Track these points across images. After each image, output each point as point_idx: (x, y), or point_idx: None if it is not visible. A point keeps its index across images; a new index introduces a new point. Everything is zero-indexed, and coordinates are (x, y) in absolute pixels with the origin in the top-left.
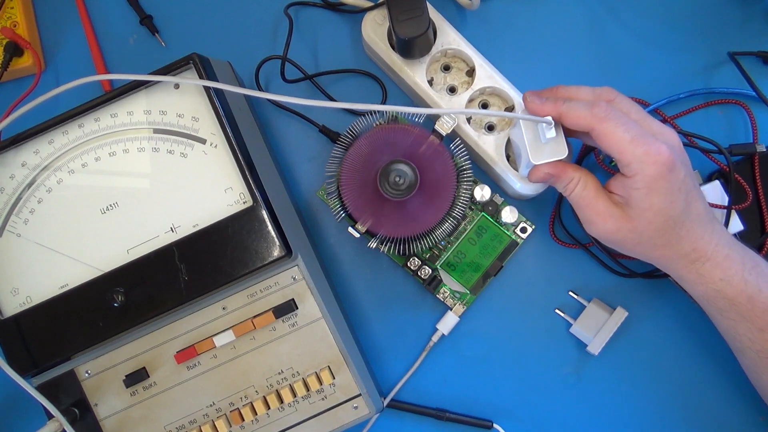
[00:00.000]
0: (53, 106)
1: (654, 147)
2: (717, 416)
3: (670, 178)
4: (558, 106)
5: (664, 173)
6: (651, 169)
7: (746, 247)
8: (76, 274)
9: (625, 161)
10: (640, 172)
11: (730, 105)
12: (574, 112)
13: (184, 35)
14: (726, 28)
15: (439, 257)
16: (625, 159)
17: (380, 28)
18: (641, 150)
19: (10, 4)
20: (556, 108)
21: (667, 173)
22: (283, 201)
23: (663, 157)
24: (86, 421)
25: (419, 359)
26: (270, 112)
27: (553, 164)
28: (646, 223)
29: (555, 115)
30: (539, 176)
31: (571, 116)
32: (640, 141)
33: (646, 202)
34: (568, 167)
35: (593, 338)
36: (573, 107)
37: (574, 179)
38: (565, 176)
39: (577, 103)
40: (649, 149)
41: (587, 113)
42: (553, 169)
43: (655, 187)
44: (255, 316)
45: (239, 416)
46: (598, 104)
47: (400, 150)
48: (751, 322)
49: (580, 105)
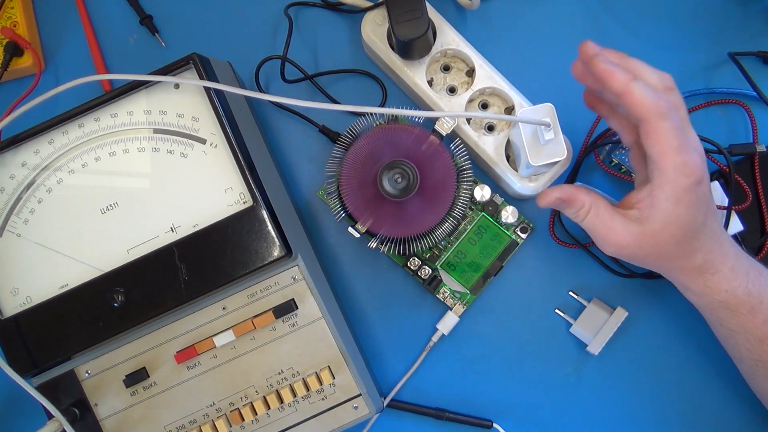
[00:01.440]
0: (53, 106)
1: (692, 159)
2: (716, 416)
3: (698, 191)
4: (629, 79)
5: (693, 186)
6: (684, 180)
7: (749, 256)
8: (76, 274)
9: (662, 166)
10: (672, 181)
11: (730, 105)
12: (640, 95)
13: (184, 35)
14: (726, 28)
15: (439, 257)
16: (662, 164)
17: (380, 28)
18: (680, 159)
19: (10, 4)
20: (626, 81)
21: (696, 186)
22: (283, 201)
23: (697, 170)
24: (86, 421)
25: (419, 359)
26: (270, 112)
27: (563, 189)
28: (669, 237)
29: (620, 89)
30: (549, 201)
31: (635, 98)
32: (682, 150)
33: (673, 214)
34: (579, 193)
35: (593, 338)
36: (642, 89)
37: (585, 206)
38: (576, 202)
39: (646, 86)
40: (687, 160)
41: (652, 103)
42: (563, 194)
43: (683, 199)
44: (255, 316)
45: (239, 416)
46: (662, 97)
47: (400, 150)
48: (750, 332)
49: (648, 90)
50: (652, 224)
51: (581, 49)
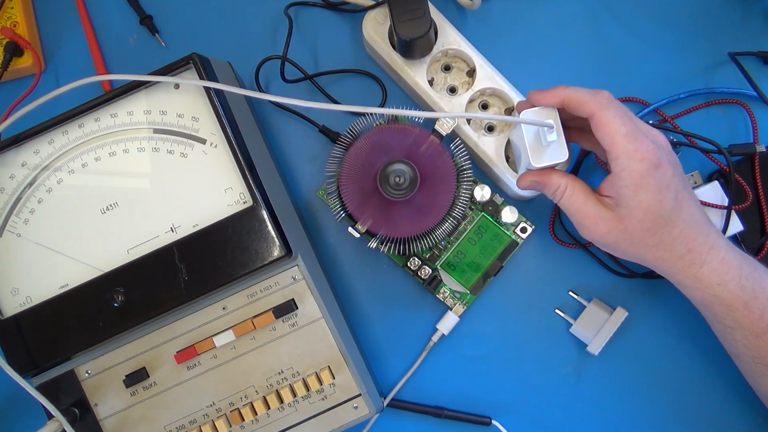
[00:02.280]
0: (53, 106)
1: (643, 144)
2: (716, 416)
3: (657, 176)
4: (560, 91)
5: (650, 170)
6: (638, 165)
7: (743, 252)
8: (76, 274)
9: (615, 154)
10: (627, 167)
11: (731, 105)
12: (578, 95)
13: (184, 35)
14: (726, 28)
15: (439, 257)
16: (615, 152)
17: (381, 27)
18: (632, 146)
19: (10, 4)
20: (558, 93)
21: (654, 170)
22: (283, 201)
23: (650, 155)
24: (86, 421)
25: (419, 359)
26: (270, 112)
27: (538, 172)
28: (636, 222)
29: (558, 101)
30: (526, 184)
31: (575, 99)
32: (632, 136)
33: (635, 199)
34: (554, 174)
35: (593, 338)
36: (577, 91)
37: (561, 186)
38: (551, 183)
39: (581, 88)
40: (639, 146)
41: (591, 98)
42: (538, 177)
43: (643, 184)
44: (255, 316)
45: (239, 416)
46: (601, 92)
47: (400, 150)
48: (747, 328)
49: (584, 90)
50: (618, 210)
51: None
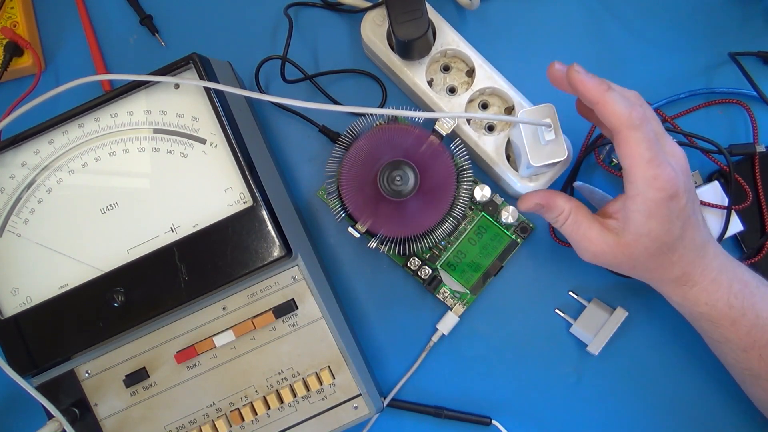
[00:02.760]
0: (53, 106)
1: (664, 173)
2: (716, 416)
3: (671, 206)
4: (604, 89)
5: (665, 200)
6: (654, 194)
7: (738, 266)
8: (76, 274)
9: (633, 178)
10: (643, 194)
11: (731, 105)
12: (615, 104)
13: (184, 35)
14: (726, 28)
15: (439, 257)
16: (633, 176)
17: (379, 29)
18: (652, 173)
19: (10, 4)
20: (601, 90)
21: (669, 201)
22: (283, 201)
23: (669, 185)
24: (86, 421)
25: (419, 359)
26: (270, 112)
27: (542, 195)
28: (642, 249)
29: (595, 98)
30: (529, 206)
31: (609, 107)
32: (655, 163)
33: (645, 227)
34: (558, 198)
35: (593, 338)
36: (616, 99)
37: (564, 212)
38: (555, 208)
39: (621, 96)
40: (660, 173)
41: (626, 112)
42: (542, 200)
43: (655, 213)
44: (255, 316)
45: (239, 416)
46: (635, 107)
47: (400, 150)
48: (734, 343)
49: (623, 100)
50: (625, 236)
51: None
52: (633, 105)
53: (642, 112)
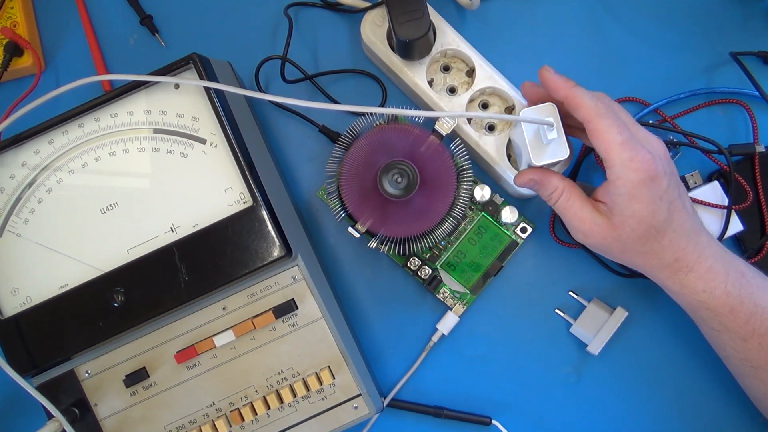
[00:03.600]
0: (53, 106)
1: (639, 154)
2: (716, 416)
3: (652, 187)
4: (569, 85)
5: (645, 181)
6: (633, 175)
7: (734, 258)
8: (76, 274)
9: (610, 163)
10: (622, 176)
11: (731, 105)
12: (581, 98)
13: (184, 35)
14: (726, 28)
15: (439, 257)
16: (610, 160)
17: (379, 29)
18: (627, 155)
19: (10, 4)
20: (568, 86)
21: (649, 181)
22: (283, 201)
23: (645, 165)
24: (86, 421)
25: (419, 359)
26: (270, 112)
27: (537, 170)
28: (629, 231)
29: (562, 95)
30: (523, 181)
31: (577, 100)
32: (628, 146)
33: (629, 209)
34: (553, 176)
35: (593, 338)
36: (582, 93)
37: (558, 189)
38: (548, 184)
39: (587, 91)
40: (635, 155)
41: (591, 104)
42: (537, 176)
43: (636, 194)
44: (255, 316)
45: (239, 416)
46: (602, 99)
47: (400, 150)
48: (733, 332)
49: (588, 94)
50: (612, 218)
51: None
52: (599, 98)
53: (608, 103)
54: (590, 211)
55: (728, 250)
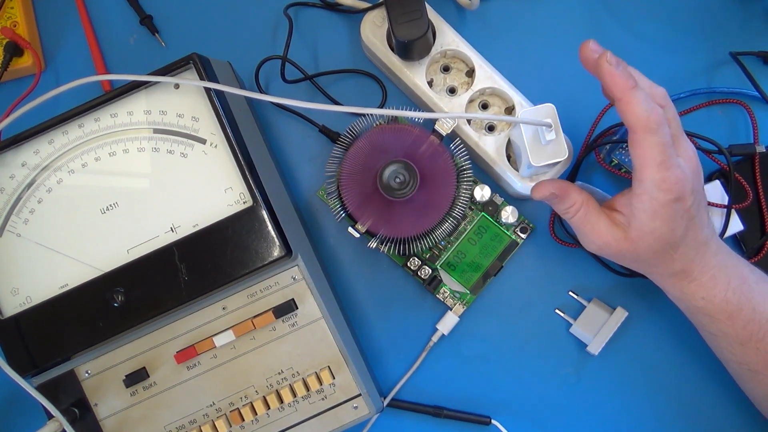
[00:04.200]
0: (53, 106)
1: (673, 176)
2: (716, 416)
3: (676, 207)
4: (630, 86)
5: (671, 202)
6: (661, 195)
7: (739, 263)
8: (76, 274)
9: (641, 177)
10: (649, 193)
11: (731, 105)
12: (636, 105)
13: (184, 35)
14: (726, 28)
15: (439, 257)
16: (641, 176)
17: (379, 30)
18: (660, 175)
19: (10, 4)
20: (627, 87)
21: (674, 202)
22: (283, 201)
23: (676, 187)
24: (86, 421)
25: (419, 359)
26: (270, 112)
27: (558, 185)
28: (646, 247)
29: (619, 93)
30: (543, 194)
31: (630, 107)
32: (665, 166)
33: (649, 226)
34: (572, 190)
35: (593, 338)
36: (639, 99)
37: (576, 203)
38: (568, 199)
39: (644, 96)
40: (668, 177)
41: (644, 115)
42: (558, 189)
43: (660, 213)
44: (255, 316)
45: (239, 416)
46: (655, 110)
47: (400, 150)
48: (731, 336)
49: (645, 101)
50: (630, 231)
51: (583, 48)
52: (653, 108)
53: (661, 115)
54: (606, 224)
55: (734, 254)
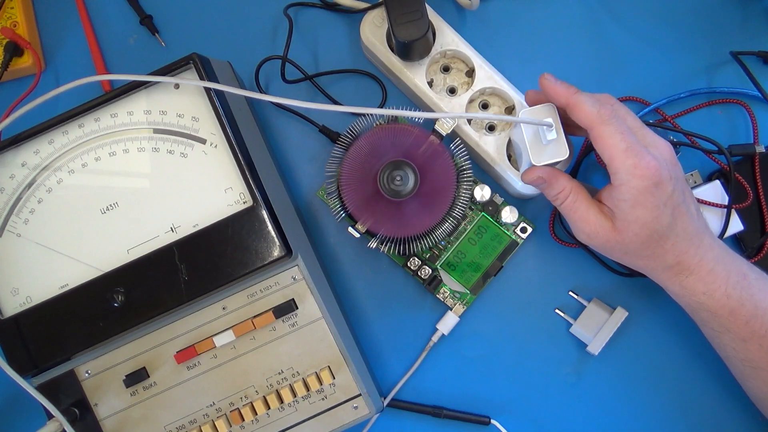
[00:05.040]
0: (53, 106)
1: (644, 160)
2: (716, 416)
3: (656, 193)
4: (571, 92)
5: (649, 187)
6: (637, 182)
7: (737, 259)
8: (76, 274)
9: (614, 169)
10: (626, 183)
11: (731, 104)
12: (583, 105)
13: (184, 35)
14: (726, 28)
15: (439, 257)
16: (614, 167)
17: (379, 30)
18: (631, 161)
19: (10, 4)
20: (568, 93)
21: (653, 188)
22: (283, 201)
23: (650, 172)
24: (86, 421)
25: (419, 359)
26: (270, 112)
27: (547, 169)
28: (633, 236)
29: (563, 102)
30: (532, 178)
31: (579, 108)
32: (632, 152)
33: (632, 214)
34: (561, 176)
35: (593, 338)
36: (584, 100)
37: (565, 189)
38: (556, 184)
39: (588, 96)
40: (639, 162)
41: (594, 110)
42: (546, 174)
43: (641, 200)
44: (255, 316)
45: (239, 416)
46: (605, 105)
47: (400, 150)
48: (733, 333)
49: (590, 100)
50: (616, 222)
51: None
52: (602, 103)
53: (611, 108)
54: (595, 214)
55: (731, 251)
